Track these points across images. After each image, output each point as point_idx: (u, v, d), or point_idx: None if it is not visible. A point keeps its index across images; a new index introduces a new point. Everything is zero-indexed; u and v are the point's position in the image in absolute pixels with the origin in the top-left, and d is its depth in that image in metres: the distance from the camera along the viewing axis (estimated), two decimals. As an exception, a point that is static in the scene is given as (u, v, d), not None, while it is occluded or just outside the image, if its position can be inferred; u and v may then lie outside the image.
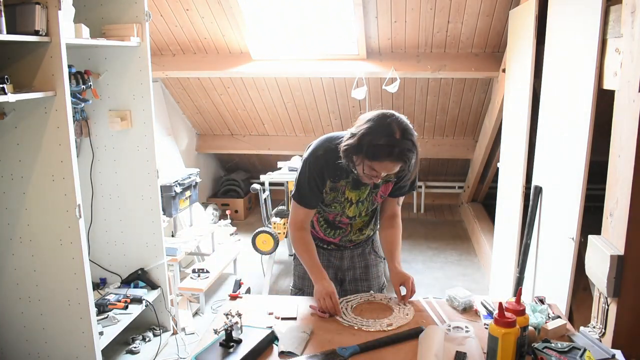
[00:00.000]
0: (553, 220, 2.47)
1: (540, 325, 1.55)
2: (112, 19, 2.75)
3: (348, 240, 1.98)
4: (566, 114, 2.32)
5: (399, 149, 1.57)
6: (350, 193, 1.82)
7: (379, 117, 1.63)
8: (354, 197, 1.83)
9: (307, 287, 1.99)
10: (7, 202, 2.35)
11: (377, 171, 1.63)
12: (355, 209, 1.86)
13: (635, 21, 1.67)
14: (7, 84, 1.98)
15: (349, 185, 1.80)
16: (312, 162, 1.79)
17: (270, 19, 4.17)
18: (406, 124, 1.63)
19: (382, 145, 1.57)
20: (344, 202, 1.84)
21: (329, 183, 1.80)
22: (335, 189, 1.82)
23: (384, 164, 1.60)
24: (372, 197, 1.86)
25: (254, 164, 6.25)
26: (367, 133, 1.59)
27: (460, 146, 5.36)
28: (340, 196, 1.83)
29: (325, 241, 1.99)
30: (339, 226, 1.94)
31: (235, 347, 1.52)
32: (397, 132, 1.58)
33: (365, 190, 1.83)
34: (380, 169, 1.62)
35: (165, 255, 3.08)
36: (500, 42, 4.00)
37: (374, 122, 1.61)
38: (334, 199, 1.84)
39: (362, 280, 2.02)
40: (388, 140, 1.57)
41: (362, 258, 2.03)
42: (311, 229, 1.97)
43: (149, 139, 2.92)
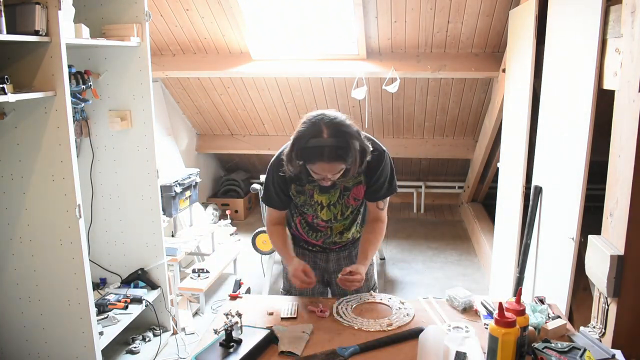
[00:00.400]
0: (553, 220, 2.47)
1: (540, 325, 1.55)
2: (112, 19, 2.75)
3: (331, 242, 1.96)
4: (566, 114, 2.32)
5: (328, 149, 1.55)
6: (320, 196, 1.81)
7: (309, 118, 1.62)
8: (324, 200, 1.82)
9: (294, 289, 1.98)
10: (7, 202, 2.35)
11: (317, 173, 1.63)
12: (327, 212, 1.84)
13: (635, 21, 1.67)
14: (7, 84, 1.98)
15: (316, 189, 1.79)
16: (274, 166, 1.79)
17: (270, 19, 4.17)
18: (337, 121, 1.59)
19: (311, 148, 1.56)
20: (314, 205, 1.83)
21: (295, 186, 1.81)
22: (302, 192, 1.82)
23: (318, 165, 1.59)
24: (344, 200, 1.83)
25: (254, 164, 6.25)
26: (297, 137, 1.59)
27: (460, 146, 5.36)
28: (309, 199, 1.83)
29: (309, 243, 1.99)
30: (319, 229, 1.93)
31: (235, 347, 1.52)
32: (324, 131, 1.56)
33: (335, 194, 1.81)
34: (319, 171, 1.61)
35: (165, 255, 3.08)
36: (500, 42, 4.00)
37: (303, 125, 1.61)
38: (304, 202, 1.83)
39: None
40: (316, 142, 1.55)
41: (349, 261, 2.00)
42: (295, 230, 1.98)
43: (149, 139, 2.92)
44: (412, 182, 6.03)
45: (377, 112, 4.98)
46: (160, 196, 3.02)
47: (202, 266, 3.75)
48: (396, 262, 4.42)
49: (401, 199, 6.18)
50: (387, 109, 4.94)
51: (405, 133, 5.34)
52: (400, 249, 4.73)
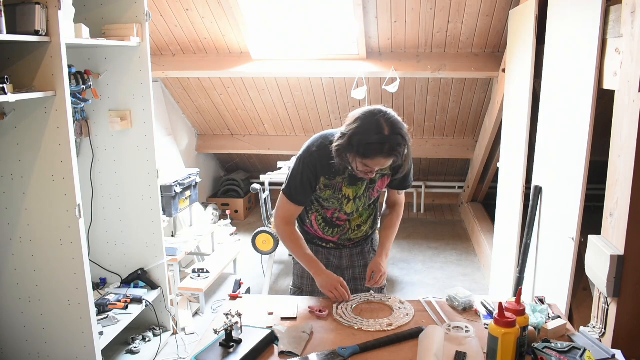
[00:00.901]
0: (553, 220, 2.47)
1: (540, 325, 1.55)
2: (112, 19, 2.75)
3: (347, 238, 1.98)
4: (566, 114, 2.32)
5: (389, 145, 1.59)
6: (348, 189, 1.84)
7: (367, 114, 1.64)
8: (352, 193, 1.85)
9: (305, 285, 2.02)
10: (7, 202, 2.35)
11: (370, 167, 1.66)
12: (352, 205, 1.88)
13: (635, 21, 1.67)
14: (7, 84, 1.98)
15: (345, 181, 1.82)
16: (306, 159, 1.79)
17: (270, 19, 4.17)
18: (395, 118, 1.64)
19: (373, 143, 1.59)
20: (341, 199, 1.85)
21: (324, 180, 1.82)
22: (331, 186, 1.83)
23: (376, 160, 1.62)
24: (369, 192, 1.88)
25: (254, 164, 6.25)
26: (356, 132, 1.61)
27: (460, 146, 5.36)
28: (337, 193, 1.84)
29: (324, 240, 1.99)
30: (337, 224, 1.94)
31: (235, 347, 1.52)
32: (385, 128, 1.60)
33: (362, 186, 1.85)
34: (373, 165, 1.65)
35: (165, 255, 3.08)
36: (500, 42, 4.00)
37: (363, 120, 1.63)
38: (331, 196, 1.85)
39: (362, 279, 2.02)
40: (378, 138, 1.59)
41: (362, 257, 2.04)
42: (309, 227, 1.98)
43: (149, 139, 2.92)
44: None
45: (377, 112, 4.98)
46: (160, 196, 3.02)
47: (202, 266, 3.75)
48: (396, 262, 4.42)
49: (401, 199, 6.18)
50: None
51: (405, 133, 5.33)
52: (400, 249, 4.73)
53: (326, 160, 1.73)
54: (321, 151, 1.75)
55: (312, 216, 1.95)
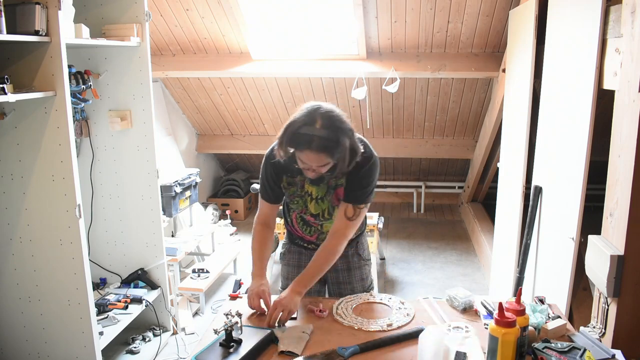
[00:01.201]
0: (553, 220, 2.47)
1: (540, 325, 1.55)
2: (112, 19, 2.75)
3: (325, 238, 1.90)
4: (566, 114, 2.32)
5: (317, 139, 1.55)
6: (310, 187, 1.83)
7: (306, 108, 1.63)
8: (314, 192, 1.83)
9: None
10: (7, 202, 2.35)
11: (304, 162, 1.63)
12: (316, 205, 1.85)
13: (635, 21, 1.67)
14: (7, 84, 1.98)
15: (307, 180, 1.81)
16: (267, 157, 1.83)
17: (270, 19, 4.17)
18: (333, 115, 1.60)
19: (301, 134, 1.57)
20: (304, 196, 1.85)
21: (286, 178, 1.84)
22: (293, 184, 1.84)
23: (305, 153, 1.59)
24: (330, 196, 1.83)
25: (254, 164, 6.25)
26: (291, 122, 1.60)
27: (460, 146, 5.36)
28: (299, 190, 1.84)
29: (305, 240, 1.98)
30: (310, 223, 1.93)
31: (235, 347, 1.53)
32: (318, 122, 1.57)
33: (324, 188, 1.82)
34: (306, 160, 1.62)
35: (165, 255, 3.08)
36: (500, 42, 4.00)
37: (300, 112, 1.62)
38: (294, 194, 1.85)
39: (345, 283, 2.00)
40: (307, 129, 1.56)
41: (345, 260, 1.97)
42: (291, 226, 2.00)
43: (149, 139, 2.92)
44: (412, 182, 6.04)
45: (377, 112, 4.98)
46: (160, 196, 3.02)
47: (202, 266, 3.75)
48: (396, 262, 4.42)
49: (401, 199, 6.18)
50: (387, 109, 4.94)
51: (405, 133, 5.34)
52: (400, 249, 4.73)
53: (283, 163, 1.73)
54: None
55: (292, 214, 1.96)
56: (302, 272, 1.79)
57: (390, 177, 6.13)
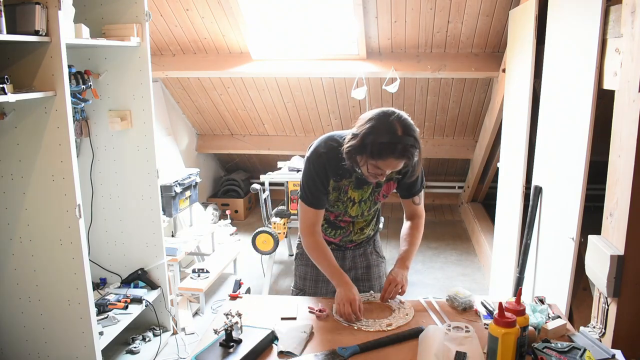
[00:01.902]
0: (553, 220, 2.47)
1: (540, 325, 1.55)
2: (112, 19, 2.75)
3: (349, 240, 1.97)
4: (566, 114, 2.32)
5: (402, 146, 1.57)
6: (353, 192, 1.83)
7: (380, 115, 1.62)
8: (357, 197, 1.84)
9: (308, 287, 2.02)
10: (7, 202, 2.35)
11: (381, 169, 1.63)
12: (357, 208, 1.87)
13: (635, 21, 1.67)
14: (7, 84, 1.98)
15: (351, 184, 1.81)
16: (315, 161, 1.77)
17: (270, 19, 4.17)
18: (408, 120, 1.63)
19: (385, 144, 1.57)
20: (346, 202, 1.85)
21: (332, 182, 1.80)
22: (337, 188, 1.82)
23: (388, 161, 1.60)
24: (374, 196, 1.87)
25: (254, 164, 6.25)
26: (369, 132, 1.59)
27: (460, 146, 5.36)
28: (342, 195, 1.83)
29: (326, 241, 1.97)
30: (340, 225, 1.94)
31: (235, 347, 1.52)
32: (399, 129, 1.58)
33: (368, 190, 1.84)
34: (385, 167, 1.62)
35: (165, 255, 3.08)
36: (500, 42, 4.00)
37: (376, 120, 1.60)
38: (337, 199, 1.84)
39: (364, 280, 2.03)
40: (391, 138, 1.57)
41: (364, 258, 2.04)
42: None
43: (149, 139, 2.92)
44: (412, 182, 6.03)
45: (377, 112, 4.98)
46: (160, 196, 3.02)
47: (202, 266, 3.75)
48: (396, 262, 4.42)
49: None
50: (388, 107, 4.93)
51: (405, 133, 5.33)
52: (400, 249, 4.73)
53: (334, 162, 1.72)
54: (329, 153, 1.73)
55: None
56: (405, 250, 1.89)
57: (390, 177, 6.12)
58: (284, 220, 3.86)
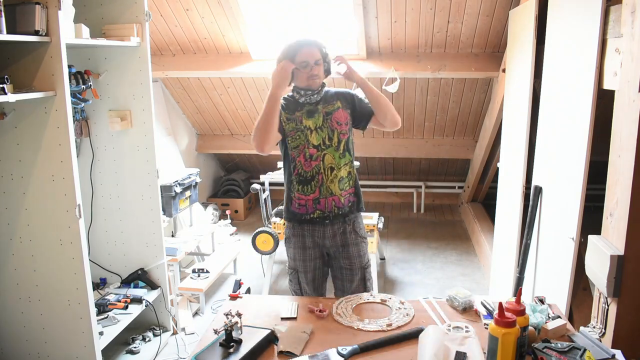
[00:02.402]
0: (553, 220, 2.47)
1: (540, 325, 1.55)
2: (112, 19, 2.75)
3: (327, 192, 2.12)
4: (566, 114, 2.32)
5: (305, 38, 2.08)
6: (307, 120, 2.12)
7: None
8: (312, 124, 2.12)
9: (299, 266, 2.23)
10: (7, 202, 2.35)
11: (305, 61, 2.04)
12: (316, 135, 2.12)
13: (635, 21, 1.67)
14: (7, 84, 1.98)
15: (303, 114, 2.12)
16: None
17: (270, 19, 4.17)
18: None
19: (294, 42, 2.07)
20: (304, 131, 2.12)
21: (284, 114, 2.13)
22: (292, 120, 2.13)
23: (303, 51, 2.04)
24: (328, 122, 2.12)
25: (254, 164, 6.25)
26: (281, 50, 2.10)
27: (460, 146, 5.36)
28: (299, 124, 2.12)
29: (308, 211, 2.15)
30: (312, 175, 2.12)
31: (235, 347, 1.53)
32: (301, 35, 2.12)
33: (320, 117, 2.12)
34: (304, 57, 2.04)
35: (165, 255, 3.08)
36: (500, 42, 4.00)
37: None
38: (294, 129, 2.12)
39: (344, 258, 2.21)
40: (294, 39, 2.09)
41: (343, 237, 2.19)
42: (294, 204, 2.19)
43: (149, 139, 2.92)
44: (412, 182, 6.03)
45: (377, 112, 4.98)
46: (160, 196, 3.02)
47: (202, 266, 3.75)
48: (396, 262, 4.42)
49: (401, 199, 6.18)
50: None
51: (405, 133, 5.34)
52: (400, 249, 4.73)
53: (285, 101, 2.14)
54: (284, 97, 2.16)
55: (291, 188, 2.18)
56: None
57: (390, 177, 6.13)
58: (284, 220, 3.85)
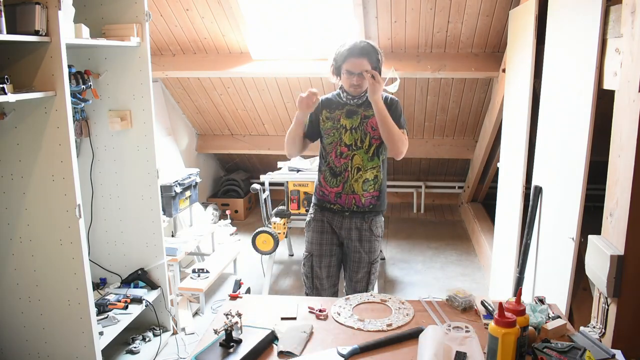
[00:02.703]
0: (553, 220, 2.47)
1: (540, 325, 1.55)
2: (112, 19, 2.75)
3: (349, 189, 2.28)
4: (566, 114, 2.32)
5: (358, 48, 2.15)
6: (345, 120, 2.29)
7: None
8: (348, 124, 2.28)
9: (315, 250, 2.39)
10: (7, 202, 2.35)
11: (350, 71, 2.16)
12: (350, 135, 2.27)
13: (635, 21, 1.67)
14: (7, 84, 1.98)
15: (343, 114, 2.29)
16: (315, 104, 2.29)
17: (270, 19, 4.17)
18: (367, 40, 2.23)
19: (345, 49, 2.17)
20: (340, 129, 2.28)
21: (325, 112, 2.31)
22: (332, 118, 2.30)
23: (350, 61, 2.15)
24: (363, 126, 2.26)
25: (254, 164, 6.25)
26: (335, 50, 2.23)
27: (460, 146, 5.36)
28: (336, 123, 2.29)
29: (331, 198, 2.33)
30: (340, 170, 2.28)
31: (235, 347, 1.53)
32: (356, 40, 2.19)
33: (357, 119, 2.27)
34: (351, 68, 2.15)
35: (165, 255, 3.08)
36: (500, 42, 4.00)
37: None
38: (332, 127, 2.29)
39: (355, 251, 2.37)
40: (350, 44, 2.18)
41: (358, 232, 2.35)
42: (320, 189, 2.37)
43: (149, 139, 2.92)
44: (412, 182, 6.03)
45: (377, 112, 4.98)
46: (160, 196, 3.02)
47: (202, 266, 3.75)
48: (396, 262, 4.42)
49: (401, 199, 6.18)
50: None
51: (405, 133, 5.33)
52: (400, 249, 4.73)
53: (327, 99, 2.33)
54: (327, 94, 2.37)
55: (321, 177, 2.36)
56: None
57: (390, 177, 6.13)
58: (284, 220, 3.86)
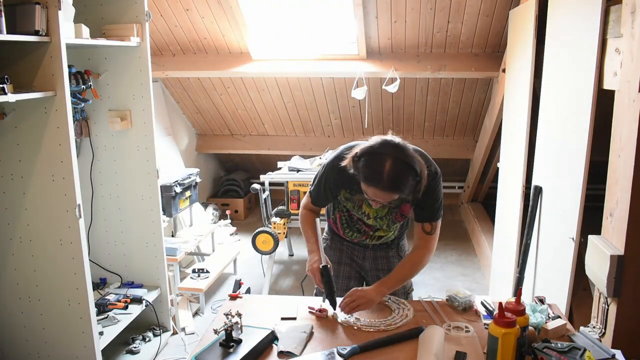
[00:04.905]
0: (553, 220, 2.47)
1: (540, 325, 1.55)
2: (112, 19, 2.75)
3: (366, 244, 2.00)
4: (566, 114, 2.32)
5: (386, 179, 1.54)
6: (368, 208, 1.84)
7: (382, 138, 1.61)
8: (372, 213, 1.85)
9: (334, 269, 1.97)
10: (7, 202, 2.35)
11: (374, 199, 1.63)
12: (374, 222, 1.89)
13: (635, 21, 1.67)
14: (7, 84, 1.98)
15: (366, 201, 1.78)
16: (329, 169, 1.80)
17: (270, 18, 4.17)
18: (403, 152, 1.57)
19: (373, 172, 1.56)
20: (361, 216, 1.88)
21: (344, 193, 1.83)
22: (351, 200, 1.85)
23: (372, 189, 1.59)
24: (392, 215, 1.86)
25: (254, 164, 6.25)
26: (367, 152, 1.58)
27: (460, 146, 5.36)
28: (357, 210, 1.86)
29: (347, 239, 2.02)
30: (359, 228, 1.94)
31: (235, 347, 1.53)
32: (389, 160, 1.54)
33: (384, 210, 1.83)
34: (373, 196, 1.61)
35: (165, 255, 3.08)
36: (500, 42, 4.00)
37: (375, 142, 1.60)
38: (352, 208, 1.88)
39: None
40: (378, 167, 1.54)
41: (386, 261, 2.04)
42: (333, 223, 2.02)
43: (149, 139, 2.92)
44: (412, 182, 6.02)
45: (377, 112, 4.98)
46: (160, 196, 3.02)
47: (202, 266, 3.75)
48: (396, 262, 4.42)
49: (401, 199, 6.17)
50: (387, 109, 4.94)
51: (405, 133, 5.33)
52: (400, 249, 4.73)
53: (348, 176, 1.66)
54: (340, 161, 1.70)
55: (337, 214, 1.96)
56: (389, 276, 1.81)
57: (390, 177, 6.12)
58: (284, 220, 3.86)
